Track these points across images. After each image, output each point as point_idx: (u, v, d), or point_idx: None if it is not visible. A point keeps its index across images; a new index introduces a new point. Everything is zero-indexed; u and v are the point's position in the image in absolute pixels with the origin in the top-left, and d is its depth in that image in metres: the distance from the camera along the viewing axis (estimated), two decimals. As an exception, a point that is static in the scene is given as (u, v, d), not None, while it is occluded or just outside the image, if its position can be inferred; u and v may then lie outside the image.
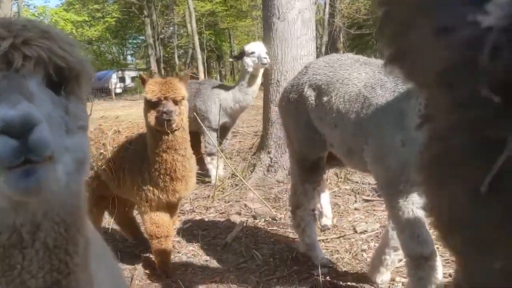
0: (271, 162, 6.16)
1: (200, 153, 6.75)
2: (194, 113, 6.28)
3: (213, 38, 38.56)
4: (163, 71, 35.21)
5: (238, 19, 35.68)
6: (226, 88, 6.59)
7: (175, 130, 3.31)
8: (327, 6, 29.64)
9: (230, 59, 17.69)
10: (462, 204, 0.56)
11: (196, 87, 6.61)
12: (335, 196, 5.56)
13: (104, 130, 3.98)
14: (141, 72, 4.05)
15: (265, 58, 5.91)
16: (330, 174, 6.14)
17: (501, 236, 0.51)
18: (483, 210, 0.54)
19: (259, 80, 6.29)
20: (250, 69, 6.15)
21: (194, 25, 25.98)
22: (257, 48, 6.01)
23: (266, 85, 6.21)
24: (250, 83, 6.27)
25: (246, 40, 34.51)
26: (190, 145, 3.53)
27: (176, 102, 3.28)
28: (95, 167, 3.84)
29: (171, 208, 3.71)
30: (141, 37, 43.33)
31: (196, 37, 25.43)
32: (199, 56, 24.58)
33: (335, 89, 3.04)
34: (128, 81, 41.01)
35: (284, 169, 6.08)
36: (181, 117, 3.30)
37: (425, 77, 0.57)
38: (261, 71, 6.19)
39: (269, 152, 6.19)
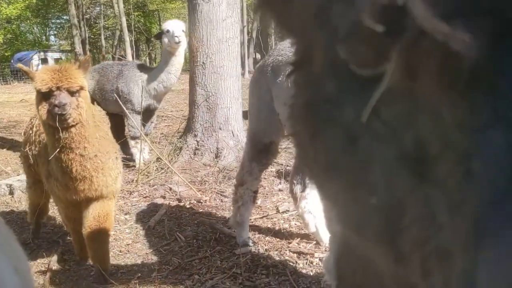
0: (198, 145, 6.14)
1: (124, 136, 6.60)
2: (116, 95, 6.11)
3: (142, 20, 37.51)
4: (88, 53, 33.77)
5: (168, 1, 34.93)
6: (149, 69, 6.45)
7: (71, 126, 2.83)
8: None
9: (152, 38, 17.31)
10: (339, 148, 0.56)
11: (119, 68, 6.42)
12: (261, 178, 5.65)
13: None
14: (20, 64, 3.41)
15: (177, 36, 5.73)
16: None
17: (375, 173, 0.52)
18: (359, 151, 0.54)
19: (180, 59, 6.12)
20: (168, 48, 5.99)
21: (122, 6, 25.15)
22: (172, 26, 5.85)
23: (191, 67, 6.15)
24: (171, 62, 6.08)
25: (176, 23, 33.81)
26: (96, 142, 3.05)
27: (72, 93, 2.81)
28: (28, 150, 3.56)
29: (87, 203, 3.26)
30: (65, 17, 41.26)
31: (124, 19, 24.64)
32: (127, 38, 23.85)
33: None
34: (51, 62, 38.99)
35: (211, 152, 6.09)
36: (79, 110, 2.82)
37: (299, 18, 0.53)
38: (180, 50, 6.04)
39: (195, 135, 6.16)
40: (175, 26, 5.81)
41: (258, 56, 31.26)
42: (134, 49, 28.28)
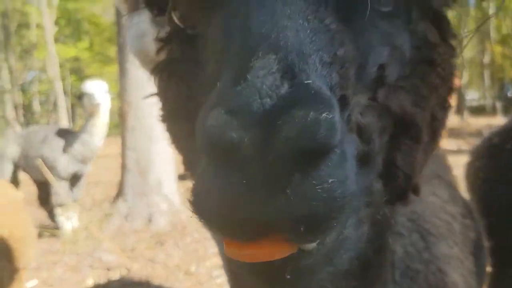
0: (129, 211, 5.95)
1: (51, 205, 6.28)
2: (41, 161, 5.82)
3: (79, 85, 37.02)
4: (22, 118, 32.63)
5: (105, 65, 34.83)
6: (73, 132, 6.26)
7: None
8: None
9: (77, 100, 16.58)
10: (179, 97, 0.81)
11: (44, 134, 6.20)
12: (195, 242, 5.51)
13: None
14: None
15: (96, 98, 5.59)
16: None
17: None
18: (193, 100, 0.76)
19: (103, 119, 5.87)
20: (89, 109, 5.81)
21: (57, 70, 24.80)
22: (91, 87, 5.72)
23: (122, 131, 6.07)
24: (93, 123, 5.86)
25: (114, 87, 33.62)
26: None
27: None
28: None
29: None
30: (-3, 82, 39.82)
31: (59, 83, 24.25)
32: (62, 103, 23.39)
33: None
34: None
35: (143, 217, 5.90)
36: None
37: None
38: (102, 111, 5.81)
39: (126, 201, 5.98)
40: (95, 87, 5.68)
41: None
42: (70, 114, 27.74)
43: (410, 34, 0.74)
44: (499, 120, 12.31)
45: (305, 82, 0.54)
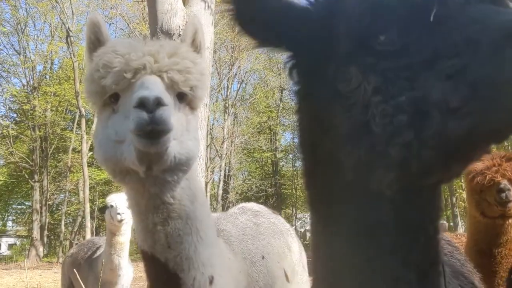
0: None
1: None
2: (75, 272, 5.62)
3: (105, 207, 37.47)
4: (46, 239, 32.79)
5: (134, 190, 35.51)
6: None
7: None
8: (221, 182, 31.19)
9: (97, 212, 15.03)
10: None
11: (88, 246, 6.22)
12: None
13: None
14: None
15: (120, 213, 4.86)
16: None
17: None
18: None
19: (123, 238, 5.16)
20: (110, 226, 5.12)
21: (87, 193, 25.42)
22: (115, 200, 5.00)
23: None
24: (112, 243, 5.13)
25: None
26: None
27: None
28: None
29: None
30: (27, 203, 40.75)
31: (88, 205, 24.70)
32: (88, 224, 23.63)
33: None
34: (3, 248, 37.54)
35: None
36: None
37: None
38: (124, 228, 5.11)
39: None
40: (120, 201, 4.91)
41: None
42: (94, 235, 27.88)
43: None
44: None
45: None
